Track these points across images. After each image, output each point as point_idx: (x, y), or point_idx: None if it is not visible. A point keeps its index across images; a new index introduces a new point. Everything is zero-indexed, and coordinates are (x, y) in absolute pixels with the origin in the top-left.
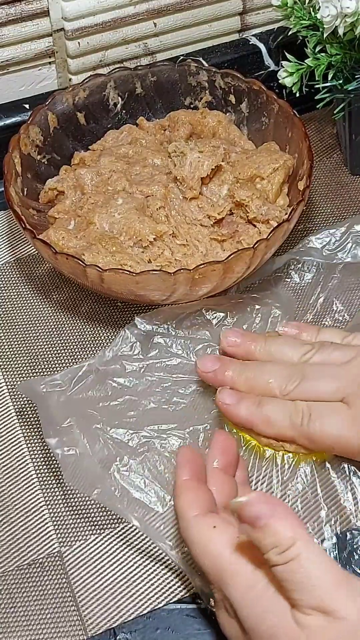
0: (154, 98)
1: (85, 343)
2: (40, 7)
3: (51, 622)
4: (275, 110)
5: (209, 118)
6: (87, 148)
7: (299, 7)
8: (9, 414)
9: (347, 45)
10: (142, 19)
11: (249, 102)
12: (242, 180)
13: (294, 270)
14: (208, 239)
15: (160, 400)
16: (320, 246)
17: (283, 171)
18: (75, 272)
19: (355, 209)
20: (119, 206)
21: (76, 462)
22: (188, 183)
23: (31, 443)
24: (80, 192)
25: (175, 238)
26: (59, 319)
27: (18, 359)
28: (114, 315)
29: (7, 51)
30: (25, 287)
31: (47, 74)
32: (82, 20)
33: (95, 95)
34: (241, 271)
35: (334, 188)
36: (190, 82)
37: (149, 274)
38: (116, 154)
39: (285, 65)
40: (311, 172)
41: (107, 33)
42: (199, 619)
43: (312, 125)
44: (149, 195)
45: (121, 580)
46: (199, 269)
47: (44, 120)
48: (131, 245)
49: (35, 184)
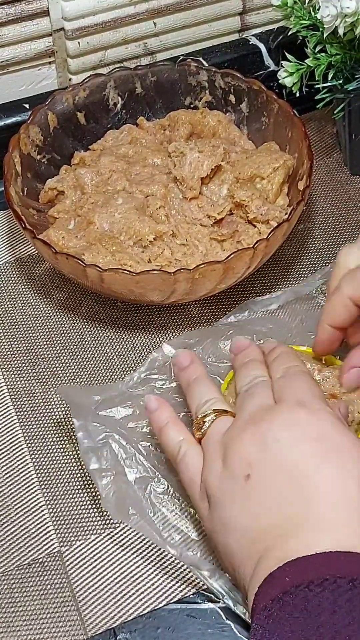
0: (154, 98)
1: (85, 343)
2: (40, 7)
3: (51, 622)
4: (275, 110)
5: (209, 118)
6: (87, 148)
7: (299, 7)
8: (9, 414)
9: (347, 45)
10: (142, 19)
11: (249, 102)
12: (242, 180)
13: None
14: (208, 239)
15: (186, 421)
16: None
17: (283, 171)
18: (75, 272)
19: (355, 209)
20: (119, 206)
21: (114, 486)
22: (188, 183)
23: (31, 443)
24: (80, 192)
25: (175, 238)
26: (59, 319)
27: (18, 359)
28: (114, 315)
29: (7, 51)
30: (25, 287)
31: (47, 73)
32: (82, 20)
33: (95, 95)
34: (241, 271)
35: (334, 188)
36: (190, 82)
37: (149, 274)
38: (116, 153)
39: (285, 65)
40: (311, 172)
41: (107, 33)
42: (199, 619)
43: (312, 125)
44: (148, 195)
45: (121, 580)
46: (199, 269)
47: (44, 120)
48: (131, 245)
49: (35, 184)
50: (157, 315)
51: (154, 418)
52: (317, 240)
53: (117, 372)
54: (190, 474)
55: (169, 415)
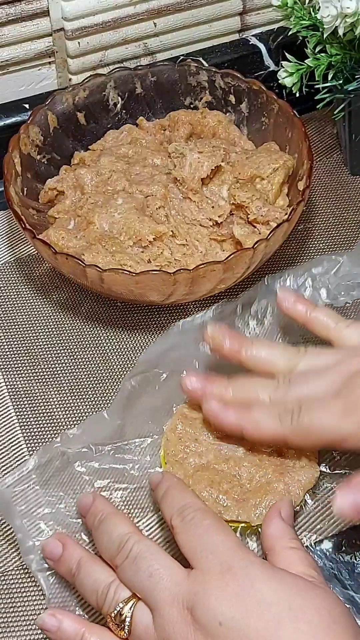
0: (154, 98)
1: (85, 343)
2: (40, 7)
3: None
4: (275, 111)
5: (209, 118)
6: (87, 148)
7: (299, 7)
8: (8, 414)
9: (347, 45)
10: (142, 19)
11: (249, 102)
12: (242, 180)
13: (251, 315)
14: (208, 239)
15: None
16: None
17: (283, 171)
18: (75, 272)
19: (355, 209)
20: (119, 206)
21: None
22: (188, 184)
23: (31, 443)
24: (80, 192)
25: (174, 238)
26: (59, 319)
27: (18, 359)
28: (114, 315)
29: (7, 51)
30: (25, 287)
31: (47, 74)
32: (82, 20)
33: (95, 95)
34: (241, 271)
35: (334, 188)
36: (190, 82)
37: (149, 274)
38: (116, 154)
39: (285, 65)
40: (311, 172)
41: (107, 33)
42: None
43: (312, 125)
44: (148, 195)
45: None
46: (199, 269)
47: (43, 120)
48: (131, 245)
49: (35, 184)
50: (157, 315)
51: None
52: (317, 240)
53: (117, 372)
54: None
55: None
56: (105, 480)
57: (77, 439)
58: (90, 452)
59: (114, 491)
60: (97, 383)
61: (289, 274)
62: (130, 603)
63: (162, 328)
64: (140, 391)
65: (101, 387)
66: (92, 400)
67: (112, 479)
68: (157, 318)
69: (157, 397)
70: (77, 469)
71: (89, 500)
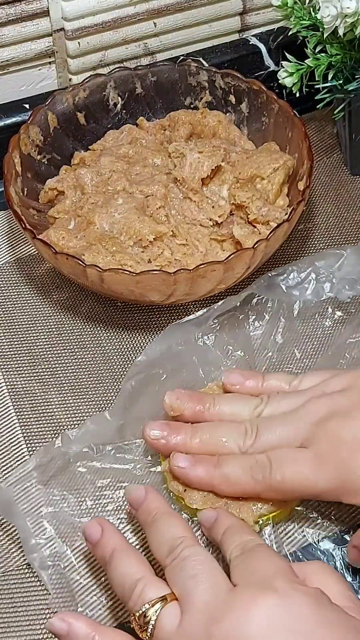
0: (154, 98)
1: (85, 343)
2: (40, 7)
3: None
4: (275, 110)
5: (209, 118)
6: (87, 148)
7: (299, 7)
8: (8, 414)
9: (347, 45)
10: (142, 19)
11: (249, 102)
12: (242, 180)
13: (253, 309)
14: (208, 239)
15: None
16: (281, 283)
17: (283, 171)
18: (75, 272)
19: (355, 209)
20: (119, 206)
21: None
22: (188, 184)
23: (31, 443)
24: (80, 192)
25: (175, 238)
26: (59, 319)
27: (18, 359)
28: (114, 315)
29: (7, 51)
30: (25, 287)
31: (47, 74)
32: (82, 20)
33: (95, 95)
34: (241, 271)
35: (334, 188)
36: (190, 82)
37: (149, 274)
38: (116, 154)
39: (285, 66)
40: (311, 172)
41: (107, 33)
42: None
43: (312, 125)
44: (149, 195)
45: None
46: (199, 269)
47: (44, 120)
48: (131, 245)
49: (35, 184)
50: (157, 315)
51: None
52: (317, 240)
53: (117, 372)
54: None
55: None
56: (107, 480)
57: (78, 440)
58: (91, 452)
59: (116, 490)
60: (98, 383)
61: (293, 268)
62: (157, 606)
63: (162, 328)
64: (141, 391)
65: (101, 387)
66: (93, 400)
67: (114, 479)
68: (157, 318)
69: (157, 398)
70: (79, 469)
71: (141, 493)
